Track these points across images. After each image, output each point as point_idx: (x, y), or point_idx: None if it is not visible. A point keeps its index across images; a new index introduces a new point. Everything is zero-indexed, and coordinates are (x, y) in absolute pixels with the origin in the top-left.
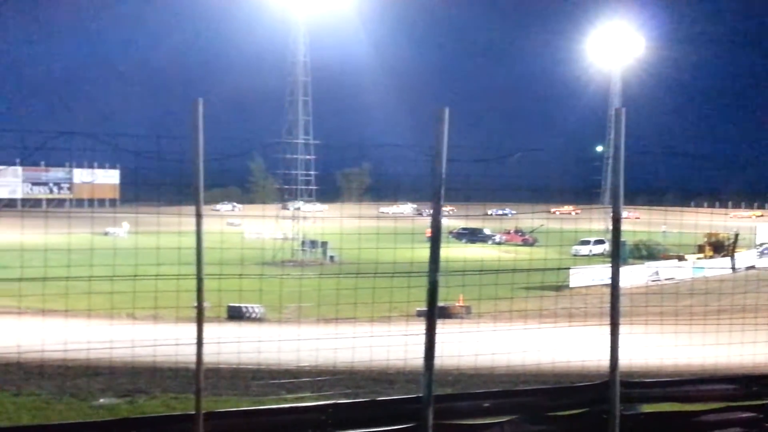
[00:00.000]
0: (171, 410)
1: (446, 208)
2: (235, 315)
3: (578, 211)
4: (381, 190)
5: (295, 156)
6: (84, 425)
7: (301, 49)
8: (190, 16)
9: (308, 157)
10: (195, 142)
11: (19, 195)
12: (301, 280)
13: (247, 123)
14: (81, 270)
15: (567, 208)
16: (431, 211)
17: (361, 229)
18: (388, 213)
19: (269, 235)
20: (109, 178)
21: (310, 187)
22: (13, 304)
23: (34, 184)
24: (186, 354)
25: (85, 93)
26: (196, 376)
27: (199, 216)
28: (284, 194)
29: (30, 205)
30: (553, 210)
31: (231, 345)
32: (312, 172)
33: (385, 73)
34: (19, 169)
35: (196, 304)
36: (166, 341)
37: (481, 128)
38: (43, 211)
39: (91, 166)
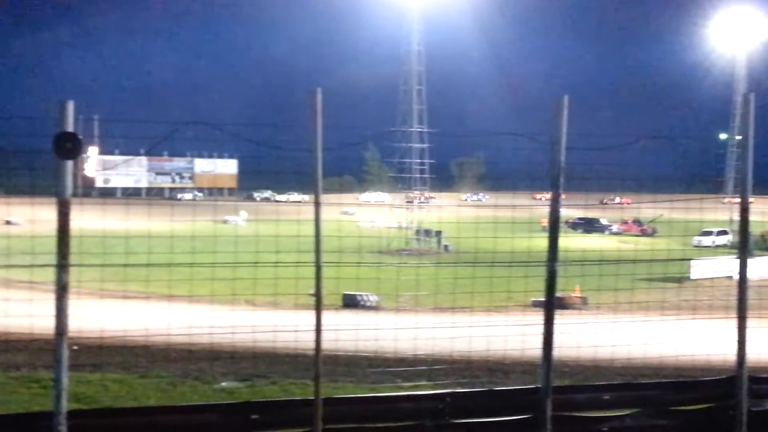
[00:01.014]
0: (290, 395)
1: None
2: (351, 303)
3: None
4: (495, 180)
5: (409, 145)
6: (207, 407)
7: (415, 37)
8: (305, 6)
9: (422, 145)
10: (314, 131)
11: (144, 184)
12: (418, 269)
13: (361, 112)
14: (202, 257)
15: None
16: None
17: (477, 218)
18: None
19: (383, 224)
20: (227, 167)
21: (424, 176)
22: (140, 289)
23: (157, 173)
24: (302, 340)
25: (203, 86)
26: (315, 363)
27: (317, 204)
28: (398, 183)
29: (154, 193)
30: (538, 196)
31: (347, 332)
32: (426, 161)
33: (499, 62)
34: (144, 159)
35: (312, 292)
36: (284, 327)
37: (600, 116)
38: (167, 199)
39: (211, 156)
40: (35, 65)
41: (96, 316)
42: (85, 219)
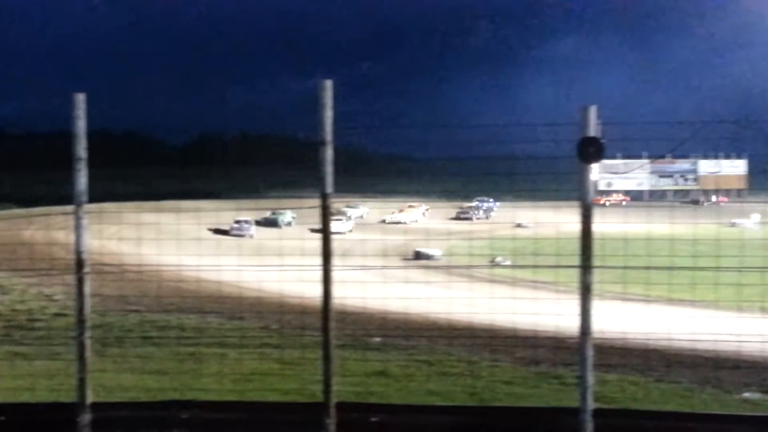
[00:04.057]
0: None
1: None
2: None
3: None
4: None
5: None
6: (734, 418)
7: None
8: None
9: None
10: None
11: (646, 187)
12: None
13: None
14: (712, 261)
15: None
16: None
17: None
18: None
19: None
20: (735, 168)
21: None
22: (642, 292)
23: (660, 176)
24: None
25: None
26: None
27: None
28: None
29: (657, 197)
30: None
31: None
32: None
33: None
34: (646, 162)
35: None
36: None
37: None
38: (669, 203)
39: (716, 157)
40: (554, 73)
41: (612, 318)
42: (602, 222)
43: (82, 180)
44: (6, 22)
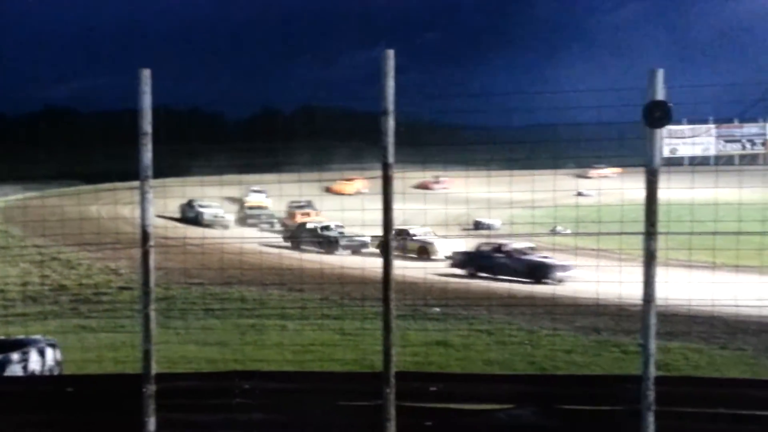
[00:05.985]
0: None
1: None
2: None
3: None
4: None
5: None
6: None
7: None
8: None
9: None
10: None
11: (712, 152)
12: None
13: None
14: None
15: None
16: None
17: None
18: None
19: None
20: None
21: None
22: (707, 259)
23: (726, 141)
24: None
25: None
26: None
27: None
28: None
29: (723, 162)
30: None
31: None
32: None
33: None
34: (712, 127)
35: None
36: None
37: None
38: (737, 168)
39: None
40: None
41: (676, 285)
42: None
43: (147, 155)
44: (74, 1)
